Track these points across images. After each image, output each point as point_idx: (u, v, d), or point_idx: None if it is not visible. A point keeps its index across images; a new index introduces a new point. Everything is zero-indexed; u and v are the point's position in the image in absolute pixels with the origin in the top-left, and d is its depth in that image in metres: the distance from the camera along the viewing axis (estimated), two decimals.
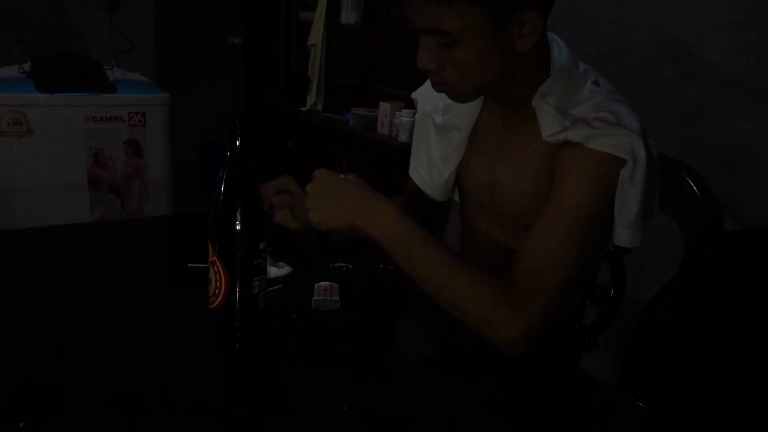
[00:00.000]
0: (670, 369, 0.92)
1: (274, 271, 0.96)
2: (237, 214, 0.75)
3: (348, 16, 2.68)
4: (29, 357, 0.75)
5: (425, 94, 1.10)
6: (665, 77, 1.61)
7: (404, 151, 1.22)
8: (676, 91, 1.59)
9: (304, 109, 2.93)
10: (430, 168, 1.08)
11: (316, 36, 2.83)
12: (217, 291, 0.77)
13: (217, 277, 0.76)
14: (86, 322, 0.84)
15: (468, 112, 1.01)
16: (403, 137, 2.26)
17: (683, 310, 0.90)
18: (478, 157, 1.02)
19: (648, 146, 0.84)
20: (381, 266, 1.06)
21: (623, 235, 0.87)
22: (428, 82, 1.12)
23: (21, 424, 0.61)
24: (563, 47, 0.92)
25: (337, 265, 1.03)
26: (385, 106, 2.32)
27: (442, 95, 1.04)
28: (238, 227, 0.75)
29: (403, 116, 2.24)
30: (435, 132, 1.06)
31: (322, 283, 0.92)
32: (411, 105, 2.31)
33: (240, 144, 0.74)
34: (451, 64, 0.86)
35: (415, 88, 1.16)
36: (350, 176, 0.91)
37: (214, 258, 0.76)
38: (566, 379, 0.81)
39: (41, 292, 0.92)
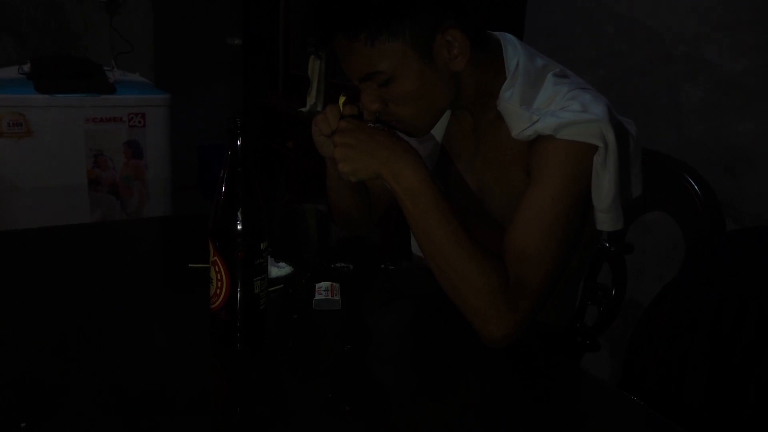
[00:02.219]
0: (670, 369, 0.92)
1: (275, 271, 0.96)
2: (238, 213, 0.74)
3: None
4: (30, 357, 0.75)
5: None
6: (665, 78, 1.61)
7: None
8: (676, 92, 1.59)
9: (303, 110, 2.93)
10: None
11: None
12: (218, 291, 0.76)
13: (218, 277, 0.76)
14: (87, 322, 0.84)
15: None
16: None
17: (684, 311, 0.90)
18: (460, 162, 1.02)
19: (621, 128, 0.85)
20: (382, 266, 1.06)
21: (604, 220, 0.88)
22: None
23: (22, 425, 0.61)
24: (517, 45, 0.92)
25: (338, 264, 1.03)
26: None
27: None
28: (239, 227, 0.75)
29: None
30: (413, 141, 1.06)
31: (323, 283, 0.92)
32: None
33: (241, 143, 0.74)
34: (394, 101, 0.87)
35: None
36: (378, 125, 0.89)
37: (215, 258, 0.76)
38: (567, 379, 0.81)
39: (41, 293, 0.91)
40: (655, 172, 1.04)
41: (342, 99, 0.91)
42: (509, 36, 0.93)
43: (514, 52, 0.90)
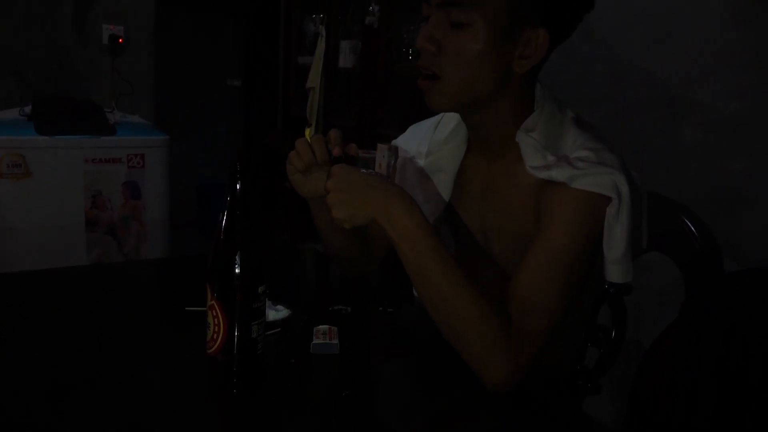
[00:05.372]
0: (675, 412, 0.90)
1: (272, 314, 0.95)
2: (236, 258, 0.74)
3: (346, 60, 2.72)
4: (25, 401, 0.74)
5: (407, 141, 1.10)
6: (659, 119, 1.63)
7: None
8: (670, 133, 1.61)
9: None
10: None
11: (314, 79, 2.88)
12: (215, 336, 0.76)
13: (216, 321, 0.75)
14: (83, 366, 0.83)
15: (453, 153, 1.01)
16: (397, 178, 2.26)
17: (688, 352, 0.89)
18: (468, 201, 1.02)
19: (631, 181, 0.85)
20: (380, 309, 1.05)
21: (614, 271, 0.87)
22: (409, 130, 1.13)
23: None
24: (546, 89, 0.94)
25: (336, 307, 1.02)
26: (382, 148, 2.31)
27: (426, 138, 1.05)
28: (237, 271, 0.74)
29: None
30: (417, 176, 1.05)
31: (321, 326, 0.91)
32: None
33: (240, 187, 0.74)
34: (450, 50, 0.85)
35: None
36: (371, 171, 0.88)
37: (213, 302, 0.75)
38: (569, 424, 0.80)
39: (37, 336, 0.90)
40: (651, 213, 1.04)
41: (308, 131, 0.91)
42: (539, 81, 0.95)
43: (542, 93, 0.92)
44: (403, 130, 1.15)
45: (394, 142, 1.12)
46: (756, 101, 1.45)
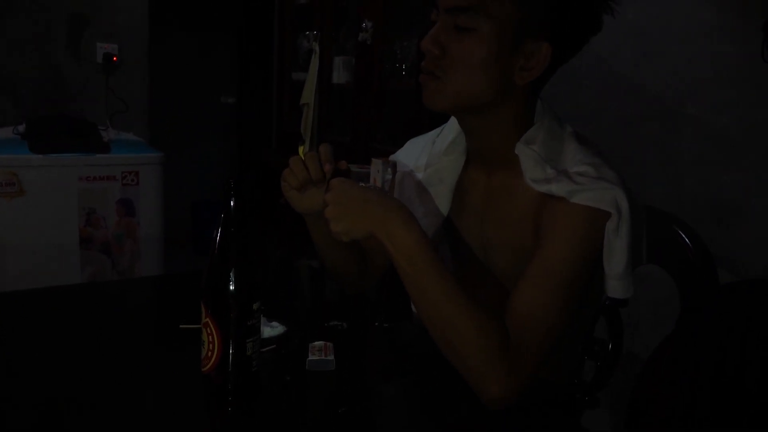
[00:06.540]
0: (674, 424, 0.90)
1: (267, 331, 0.94)
2: (230, 275, 0.74)
3: (339, 76, 2.74)
4: (19, 420, 0.73)
5: (405, 155, 1.10)
6: (651, 132, 1.64)
7: None
8: (663, 146, 1.62)
9: None
10: None
11: (308, 95, 2.89)
12: (209, 353, 0.75)
13: (210, 339, 0.75)
14: (77, 385, 0.82)
15: (452, 165, 1.01)
16: (396, 193, 2.26)
17: (685, 364, 0.89)
18: (467, 215, 1.02)
19: (630, 196, 0.85)
20: (376, 324, 1.05)
21: (615, 287, 0.87)
22: (408, 144, 1.13)
23: None
24: (547, 105, 0.94)
25: (331, 323, 1.02)
26: (377, 163, 2.31)
27: (425, 152, 1.05)
28: (231, 288, 0.74)
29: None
30: (416, 190, 1.06)
31: (316, 342, 0.91)
32: None
33: (234, 205, 0.74)
34: (454, 54, 0.85)
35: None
36: (370, 185, 0.88)
37: (207, 319, 0.75)
38: None
39: (31, 356, 0.89)
40: (646, 226, 1.05)
41: (301, 148, 0.92)
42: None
43: (543, 109, 0.93)
44: (398, 145, 1.15)
45: (392, 157, 1.12)
46: (746, 114, 1.46)
